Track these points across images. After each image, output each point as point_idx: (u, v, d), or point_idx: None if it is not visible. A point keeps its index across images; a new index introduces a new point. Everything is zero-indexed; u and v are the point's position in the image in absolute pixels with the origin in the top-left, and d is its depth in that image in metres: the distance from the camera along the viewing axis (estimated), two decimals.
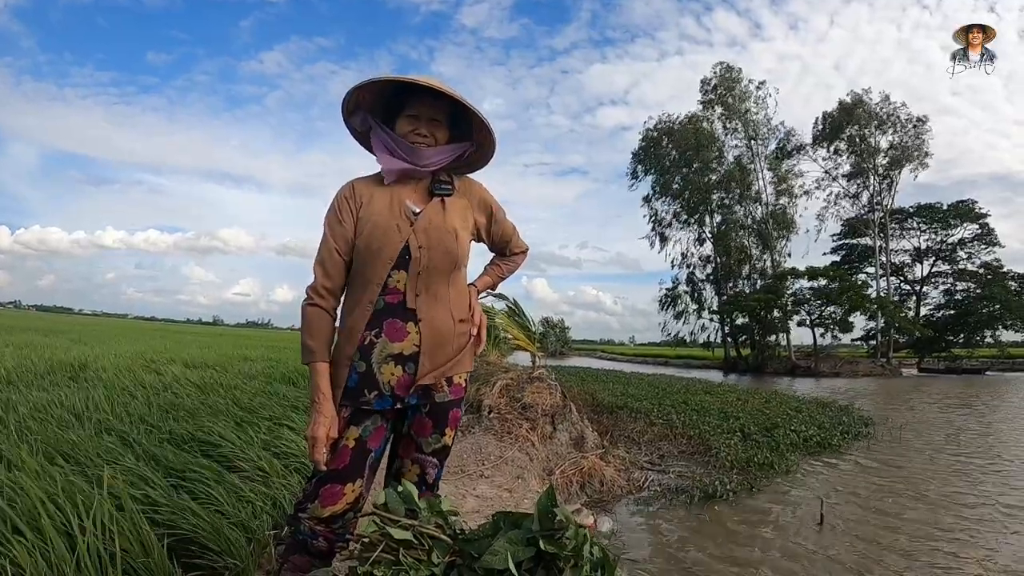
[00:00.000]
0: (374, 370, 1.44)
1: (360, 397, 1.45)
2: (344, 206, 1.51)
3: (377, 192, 1.52)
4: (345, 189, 1.55)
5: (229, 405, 4.31)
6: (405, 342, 1.46)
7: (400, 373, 1.45)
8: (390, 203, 1.50)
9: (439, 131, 1.54)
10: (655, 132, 37.11)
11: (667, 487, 5.15)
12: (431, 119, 1.52)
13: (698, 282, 38.07)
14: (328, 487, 1.43)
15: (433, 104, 1.52)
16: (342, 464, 1.44)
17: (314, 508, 1.43)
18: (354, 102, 1.54)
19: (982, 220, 36.15)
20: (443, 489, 3.24)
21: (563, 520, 1.19)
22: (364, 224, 1.48)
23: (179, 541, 2.17)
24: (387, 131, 1.54)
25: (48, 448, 2.94)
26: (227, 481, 2.63)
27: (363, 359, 1.45)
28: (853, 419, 9.40)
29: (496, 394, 5.80)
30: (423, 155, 1.51)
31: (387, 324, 1.45)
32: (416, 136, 1.51)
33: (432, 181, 1.56)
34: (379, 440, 1.50)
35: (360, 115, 1.56)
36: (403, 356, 1.46)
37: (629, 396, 10.49)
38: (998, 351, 36.37)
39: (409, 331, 1.46)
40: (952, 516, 4.58)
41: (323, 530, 1.44)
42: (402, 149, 1.51)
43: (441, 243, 1.48)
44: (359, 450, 1.45)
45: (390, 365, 1.45)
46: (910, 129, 33.94)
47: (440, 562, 1.22)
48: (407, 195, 1.53)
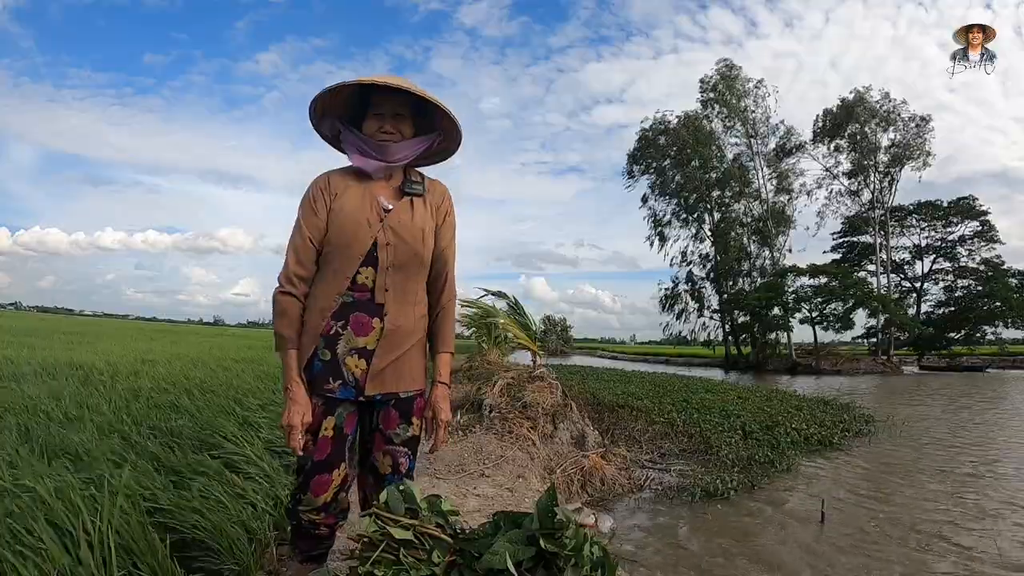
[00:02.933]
0: (339, 360, 1.50)
1: (324, 385, 1.49)
2: (319, 196, 1.55)
3: (352, 186, 1.56)
4: (321, 180, 1.58)
5: (231, 405, 4.32)
6: (369, 336, 1.51)
7: (364, 366, 1.51)
8: (362, 197, 1.55)
9: (404, 125, 1.58)
10: (651, 132, 37.12)
11: (668, 486, 5.15)
12: (396, 115, 1.56)
13: (697, 280, 38.12)
14: (316, 478, 1.51)
15: (395, 100, 1.55)
16: (324, 454, 1.51)
17: (308, 499, 1.52)
18: (321, 109, 1.59)
19: (982, 217, 36.14)
20: (444, 488, 3.25)
21: (563, 519, 1.20)
22: (336, 216, 1.52)
23: (181, 541, 2.17)
24: (355, 132, 1.58)
25: (50, 448, 2.95)
26: (229, 481, 2.64)
27: (328, 348, 1.50)
28: (854, 417, 9.39)
29: (497, 393, 5.80)
30: (392, 151, 1.55)
31: (353, 318, 1.50)
32: (382, 134, 1.55)
33: (404, 180, 1.60)
34: (353, 424, 1.56)
35: (328, 121, 1.61)
36: (366, 350, 1.51)
37: (630, 395, 10.48)
38: (999, 348, 36.33)
39: (374, 326, 1.51)
40: (954, 513, 4.58)
41: (322, 519, 1.55)
42: (371, 148, 1.55)
43: (409, 241, 1.53)
44: (338, 438, 1.52)
45: (354, 357, 1.50)
46: (912, 128, 33.94)
47: (440, 562, 1.22)
48: (380, 191, 1.57)
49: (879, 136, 34.44)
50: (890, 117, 34.00)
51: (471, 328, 11.29)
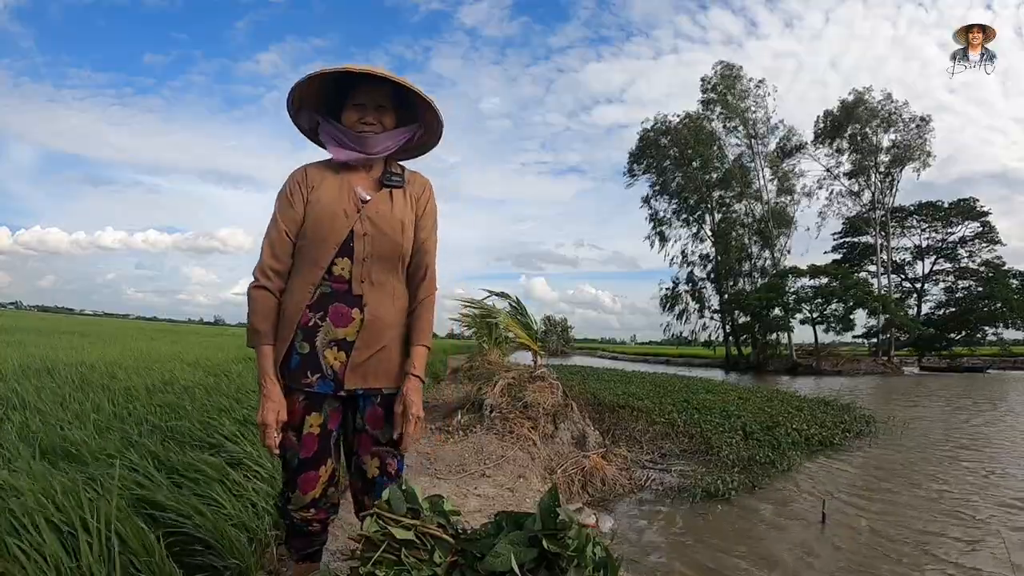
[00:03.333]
0: (318, 353, 1.46)
1: (303, 379, 1.46)
2: (295, 189, 1.52)
3: (329, 177, 1.54)
4: (298, 173, 1.56)
5: (231, 404, 4.31)
6: (349, 328, 1.48)
7: (344, 358, 1.47)
8: (340, 188, 1.52)
9: (386, 117, 1.55)
10: (652, 133, 37.11)
11: (669, 486, 5.14)
12: (377, 106, 1.54)
13: (698, 281, 38.13)
14: (304, 475, 1.49)
15: (377, 90, 1.53)
16: (311, 451, 1.48)
17: (296, 496, 1.50)
18: (298, 101, 1.56)
19: (983, 218, 36.13)
20: (444, 488, 3.25)
21: (566, 520, 1.19)
22: (313, 207, 1.49)
23: (180, 540, 2.16)
24: (334, 124, 1.56)
25: (50, 447, 2.93)
26: (229, 480, 2.63)
27: (306, 340, 1.47)
28: (855, 417, 9.37)
29: (498, 393, 5.79)
30: (372, 142, 1.53)
31: (332, 309, 1.47)
32: (363, 125, 1.53)
33: (383, 172, 1.58)
34: (337, 420, 1.53)
35: (305, 114, 1.59)
36: (346, 341, 1.48)
37: (630, 395, 10.47)
38: (1000, 349, 36.32)
39: (354, 317, 1.48)
40: (955, 514, 4.57)
41: (312, 515, 1.53)
42: (350, 139, 1.53)
43: (386, 232, 1.50)
44: (323, 435, 1.49)
45: (333, 350, 1.47)
46: (912, 128, 33.92)
47: (442, 562, 1.21)
48: (358, 182, 1.55)
49: (880, 137, 34.45)
50: (892, 118, 33.99)
51: (472, 328, 11.28)
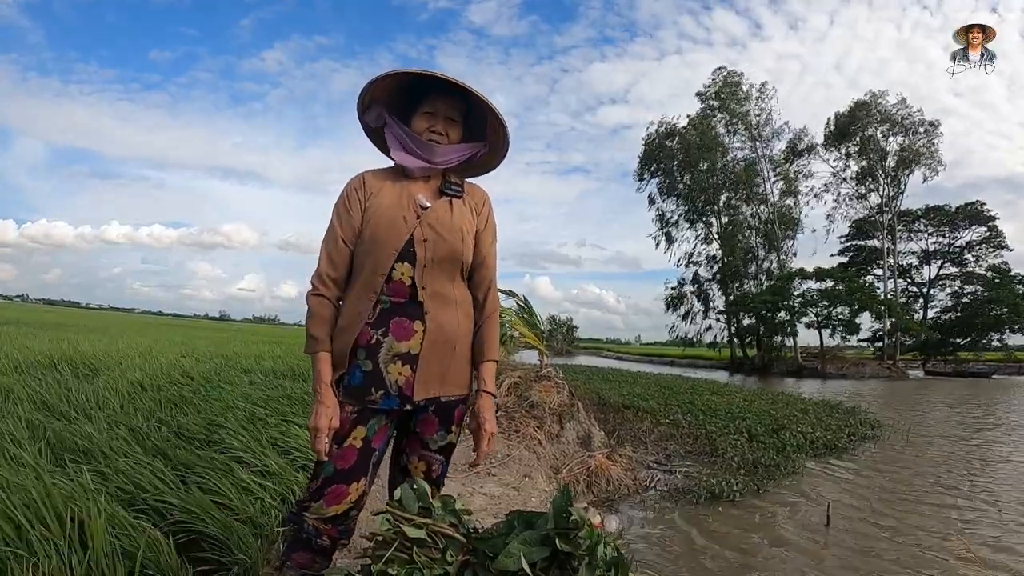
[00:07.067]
0: (381, 369, 1.42)
1: (366, 396, 1.42)
2: (353, 196, 1.50)
3: (388, 185, 1.52)
4: (356, 180, 1.54)
5: (238, 401, 4.32)
6: (412, 340, 1.44)
7: (408, 372, 1.43)
8: (399, 195, 1.50)
9: (453, 130, 1.54)
10: (657, 137, 37.10)
11: (673, 487, 5.13)
12: (447, 117, 1.52)
13: (704, 282, 38.08)
14: (334, 487, 1.42)
15: (450, 102, 1.52)
16: (348, 464, 1.42)
17: (318, 507, 1.42)
18: (370, 97, 1.53)
19: (990, 222, 35.95)
20: (451, 487, 3.24)
21: (578, 519, 1.18)
22: (371, 214, 1.47)
23: (187, 535, 2.17)
24: (403, 128, 1.53)
25: (56, 443, 2.95)
26: (236, 476, 2.64)
27: (369, 358, 1.42)
28: (860, 421, 9.33)
29: (504, 392, 5.79)
30: (438, 152, 1.51)
31: (394, 323, 1.43)
32: (432, 133, 1.51)
33: (443, 182, 1.55)
34: (383, 439, 1.48)
35: (376, 110, 1.55)
36: (409, 355, 1.43)
37: (635, 395, 10.47)
38: (1005, 355, 36.13)
39: (416, 329, 1.44)
40: (960, 519, 4.54)
41: (327, 528, 1.44)
42: (417, 146, 1.51)
43: (447, 239, 1.47)
44: (365, 450, 1.44)
45: (397, 364, 1.42)
46: (921, 133, 33.74)
47: (454, 561, 1.21)
48: (418, 190, 1.53)
49: (889, 141, 34.28)
50: (904, 123, 33.78)
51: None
